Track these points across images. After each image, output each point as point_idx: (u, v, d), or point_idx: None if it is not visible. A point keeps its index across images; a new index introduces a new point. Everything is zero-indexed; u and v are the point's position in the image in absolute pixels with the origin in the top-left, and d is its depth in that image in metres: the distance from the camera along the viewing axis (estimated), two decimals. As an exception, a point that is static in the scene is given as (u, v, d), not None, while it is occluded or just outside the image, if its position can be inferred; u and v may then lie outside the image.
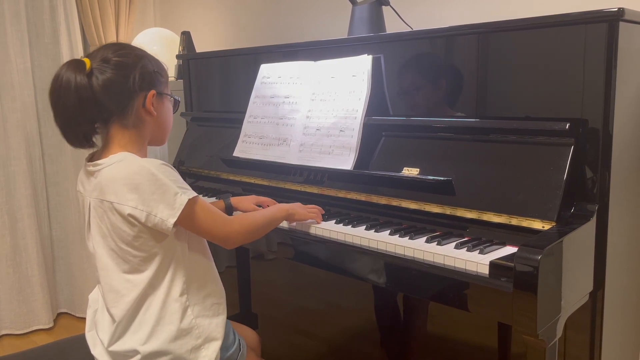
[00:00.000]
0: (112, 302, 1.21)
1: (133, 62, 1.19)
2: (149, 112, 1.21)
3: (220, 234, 1.21)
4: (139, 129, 1.22)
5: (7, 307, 2.68)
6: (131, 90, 1.18)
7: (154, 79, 1.22)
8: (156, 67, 1.24)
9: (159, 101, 1.24)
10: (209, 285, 1.25)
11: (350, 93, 1.58)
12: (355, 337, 1.94)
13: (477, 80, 1.40)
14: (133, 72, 1.18)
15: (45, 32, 2.69)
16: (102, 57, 1.17)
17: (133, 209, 1.12)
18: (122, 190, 1.12)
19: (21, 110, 2.61)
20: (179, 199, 1.13)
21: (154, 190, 1.11)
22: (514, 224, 1.21)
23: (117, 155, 1.17)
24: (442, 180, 1.33)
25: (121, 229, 1.15)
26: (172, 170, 1.16)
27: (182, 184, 1.16)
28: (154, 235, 1.15)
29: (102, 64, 1.16)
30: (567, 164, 1.18)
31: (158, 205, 1.12)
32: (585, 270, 1.19)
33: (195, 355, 1.19)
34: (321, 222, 1.44)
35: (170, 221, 1.12)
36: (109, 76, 1.15)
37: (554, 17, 1.24)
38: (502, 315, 1.06)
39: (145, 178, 1.12)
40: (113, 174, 1.15)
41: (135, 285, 1.18)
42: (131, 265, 1.18)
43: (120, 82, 1.17)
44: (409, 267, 1.20)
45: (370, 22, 1.78)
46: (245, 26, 2.78)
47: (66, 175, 2.82)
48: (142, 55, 1.22)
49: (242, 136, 1.86)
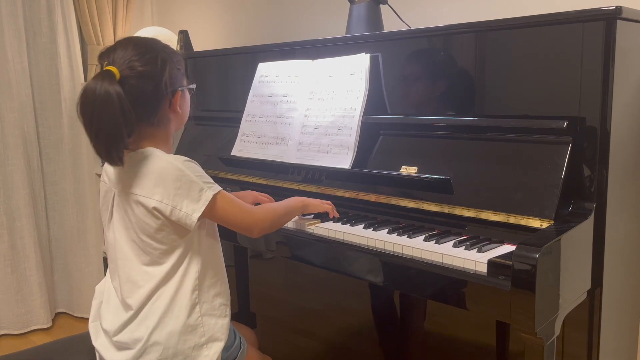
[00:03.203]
0: (128, 292, 1.22)
1: (161, 69, 1.18)
2: (174, 111, 1.25)
3: (245, 224, 1.25)
4: (166, 126, 1.25)
5: (5, 307, 2.68)
6: (160, 97, 1.20)
7: (178, 78, 1.24)
8: (178, 64, 1.25)
9: (181, 96, 1.27)
10: (219, 285, 1.26)
11: (348, 92, 1.58)
12: (353, 336, 1.94)
13: (475, 78, 1.41)
14: (163, 80, 1.18)
15: (42, 31, 2.69)
16: (128, 64, 1.14)
17: (158, 203, 1.15)
18: (148, 184, 1.16)
19: (19, 109, 2.60)
20: (204, 194, 1.16)
21: (180, 185, 1.15)
22: (512, 222, 1.21)
23: (145, 150, 1.20)
24: (440, 179, 1.33)
25: (144, 221, 1.17)
26: (197, 166, 1.20)
27: (207, 179, 1.20)
28: (176, 229, 1.18)
29: (131, 73, 1.14)
30: (565, 162, 1.18)
31: (183, 200, 1.15)
32: (583, 268, 1.19)
33: (197, 353, 1.20)
34: (337, 215, 1.45)
35: (194, 216, 1.15)
36: (140, 86, 1.15)
37: (551, 16, 1.24)
38: (500, 314, 1.06)
39: (171, 173, 1.15)
40: (140, 167, 1.17)
41: (153, 277, 1.20)
42: (151, 258, 1.20)
43: (151, 92, 1.17)
44: (407, 266, 1.20)
45: (368, 20, 1.78)
46: (243, 25, 2.78)
47: (64, 175, 2.82)
48: (166, 59, 1.20)
49: (240, 135, 1.86)
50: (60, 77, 2.70)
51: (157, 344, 1.18)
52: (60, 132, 2.78)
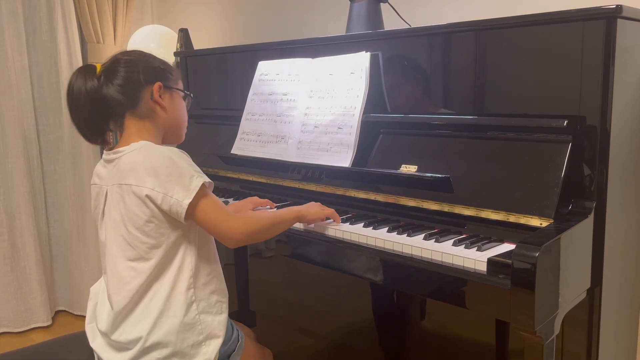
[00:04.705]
0: (114, 289, 1.23)
1: (138, 58, 1.29)
2: (158, 104, 1.29)
3: (222, 228, 1.20)
4: (152, 119, 1.29)
5: (5, 305, 2.68)
6: (137, 82, 1.26)
7: (159, 73, 1.30)
8: (162, 64, 1.33)
9: (168, 95, 1.31)
10: (215, 282, 1.26)
11: (348, 90, 1.58)
12: (353, 335, 1.94)
13: (475, 77, 1.40)
14: (138, 66, 1.27)
15: (42, 29, 2.69)
16: (112, 59, 1.29)
17: (151, 190, 1.16)
18: (141, 173, 1.18)
19: (18, 107, 2.60)
20: (195, 181, 1.18)
21: (171, 172, 1.17)
22: (512, 221, 1.21)
23: (137, 143, 1.23)
24: (440, 178, 1.33)
25: (135, 212, 1.19)
26: (187, 156, 1.23)
27: (197, 168, 1.22)
28: (166, 220, 1.19)
29: (112, 65, 1.27)
30: (565, 161, 1.18)
31: (174, 187, 1.16)
32: (583, 267, 1.19)
33: (195, 350, 1.20)
34: (340, 222, 1.40)
35: (185, 202, 1.16)
36: (118, 73, 1.26)
37: (551, 14, 1.24)
38: (500, 312, 1.06)
39: (163, 162, 1.18)
40: (133, 159, 1.21)
41: (139, 273, 1.20)
42: (137, 252, 1.20)
43: (127, 77, 1.26)
44: (407, 265, 1.20)
45: (368, 19, 1.78)
46: (243, 23, 2.78)
47: (64, 173, 2.82)
48: (148, 54, 1.32)
49: (240, 133, 1.85)
50: (60, 76, 2.70)
51: (156, 344, 1.18)
52: (60, 130, 2.78)
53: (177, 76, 1.36)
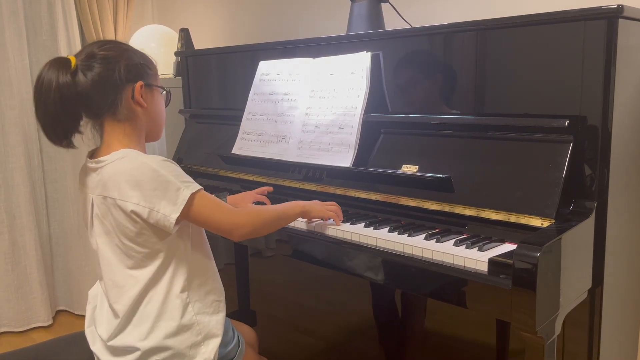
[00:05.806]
0: (115, 297, 1.21)
1: (118, 54, 1.18)
2: (139, 104, 1.21)
3: (225, 225, 1.19)
4: (133, 122, 1.22)
5: (5, 304, 2.68)
6: (118, 83, 1.17)
7: (140, 70, 1.21)
8: (142, 59, 1.23)
9: (148, 93, 1.23)
10: (210, 283, 1.25)
11: (349, 90, 1.58)
12: (353, 335, 1.94)
13: (476, 77, 1.40)
14: (118, 65, 1.17)
15: (43, 29, 2.68)
16: (88, 52, 1.17)
17: (135, 205, 1.12)
18: (124, 186, 1.13)
19: (19, 107, 2.60)
20: (182, 194, 1.12)
21: (156, 186, 1.12)
22: (513, 221, 1.21)
23: (119, 152, 1.17)
24: (441, 178, 1.33)
25: (124, 225, 1.15)
26: (173, 165, 1.16)
27: (185, 177, 1.16)
28: (156, 232, 1.15)
29: (88, 60, 1.16)
30: (566, 161, 1.18)
31: (160, 202, 1.12)
32: (584, 268, 1.19)
33: (195, 351, 1.20)
34: (340, 224, 1.39)
35: (172, 217, 1.12)
36: (95, 71, 1.15)
37: (553, 14, 1.24)
38: (501, 312, 1.06)
39: (147, 175, 1.12)
40: (115, 170, 1.15)
41: (138, 280, 1.18)
42: (135, 261, 1.18)
43: (107, 76, 1.16)
44: (408, 265, 1.20)
45: (369, 19, 1.78)
46: (243, 23, 2.78)
47: (64, 173, 2.81)
48: (127, 49, 1.22)
49: (241, 133, 1.85)
50: (60, 75, 2.69)
51: (155, 348, 1.17)
52: (60, 129, 2.77)
53: (156, 70, 1.27)
